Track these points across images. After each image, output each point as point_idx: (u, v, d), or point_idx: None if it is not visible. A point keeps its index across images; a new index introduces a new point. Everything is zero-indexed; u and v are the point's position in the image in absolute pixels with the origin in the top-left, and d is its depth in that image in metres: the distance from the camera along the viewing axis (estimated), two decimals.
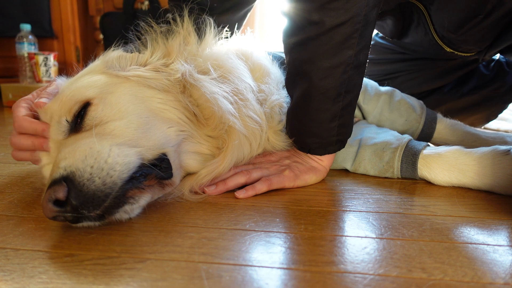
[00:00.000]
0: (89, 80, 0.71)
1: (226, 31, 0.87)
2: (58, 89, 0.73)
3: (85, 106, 0.66)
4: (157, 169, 0.64)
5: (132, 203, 0.59)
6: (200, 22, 0.84)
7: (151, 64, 0.76)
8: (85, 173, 0.55)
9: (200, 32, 0.84)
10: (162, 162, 0.66)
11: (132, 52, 0.81)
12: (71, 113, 0.66)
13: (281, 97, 0.87)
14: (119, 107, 0.66)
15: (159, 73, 0.74)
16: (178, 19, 0.82)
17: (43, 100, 0.70)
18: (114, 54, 0.78)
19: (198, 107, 0.75)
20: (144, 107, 0.69)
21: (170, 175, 0.67)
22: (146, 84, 0.72)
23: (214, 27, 0.85)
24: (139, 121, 0.66)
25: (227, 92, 0.75)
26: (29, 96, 0.75)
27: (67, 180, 0.54)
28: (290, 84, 0.81)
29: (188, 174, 0.77)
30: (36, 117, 0.71)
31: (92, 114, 0.65)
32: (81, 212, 0.54)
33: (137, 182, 0.60)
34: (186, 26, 0.81)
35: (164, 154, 0.67)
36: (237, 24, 1.03)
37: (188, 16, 0.82)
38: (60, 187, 0.54)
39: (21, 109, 0.71)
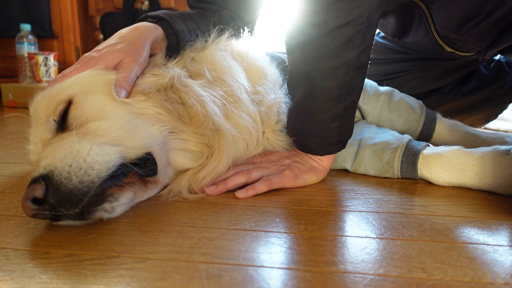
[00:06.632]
0: (75, 77, 0.71)
1: (234, 34, 0.88)
2: None
3: (69, 105, 0.67)
4: (141, 167, 0.64)
5: (112, 201, 0.59)
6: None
7: None
8: (63, 172, 0.56)
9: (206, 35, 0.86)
10: (147, 161, 0.66)
11: None
12: (56, 113, 0.66)
13: (278, 97, 0.87)
14: (99, 107, 0.67)
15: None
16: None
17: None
18: None
19: (184, 105, 0.75)
20: (125, 107, 0.69)
21: (153, 173, 0.67)
22: None
23: (219, 30, 0.86)
24: (121, 120, 0.66)
25: (216, 96, 0.75)
26: None
27: (46, 178, 0.55)
28: (292, 85, 0.81)
29: (182, 172, 0.77)
30: None
31: (73, 113, 0.66)
32: (59, 210, 0.55)
33: (116, 180, 0.60)
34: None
35: (149, 154, 0.67)
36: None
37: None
38: (38, 186, 0.54)
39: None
